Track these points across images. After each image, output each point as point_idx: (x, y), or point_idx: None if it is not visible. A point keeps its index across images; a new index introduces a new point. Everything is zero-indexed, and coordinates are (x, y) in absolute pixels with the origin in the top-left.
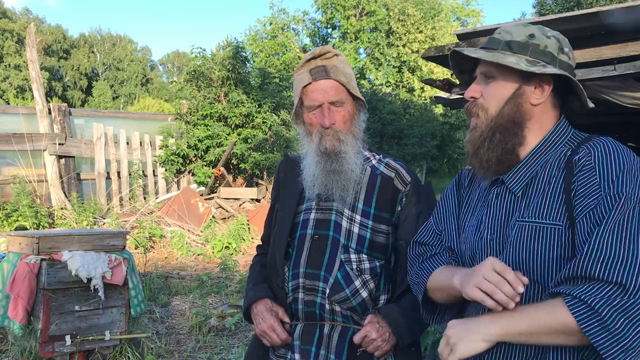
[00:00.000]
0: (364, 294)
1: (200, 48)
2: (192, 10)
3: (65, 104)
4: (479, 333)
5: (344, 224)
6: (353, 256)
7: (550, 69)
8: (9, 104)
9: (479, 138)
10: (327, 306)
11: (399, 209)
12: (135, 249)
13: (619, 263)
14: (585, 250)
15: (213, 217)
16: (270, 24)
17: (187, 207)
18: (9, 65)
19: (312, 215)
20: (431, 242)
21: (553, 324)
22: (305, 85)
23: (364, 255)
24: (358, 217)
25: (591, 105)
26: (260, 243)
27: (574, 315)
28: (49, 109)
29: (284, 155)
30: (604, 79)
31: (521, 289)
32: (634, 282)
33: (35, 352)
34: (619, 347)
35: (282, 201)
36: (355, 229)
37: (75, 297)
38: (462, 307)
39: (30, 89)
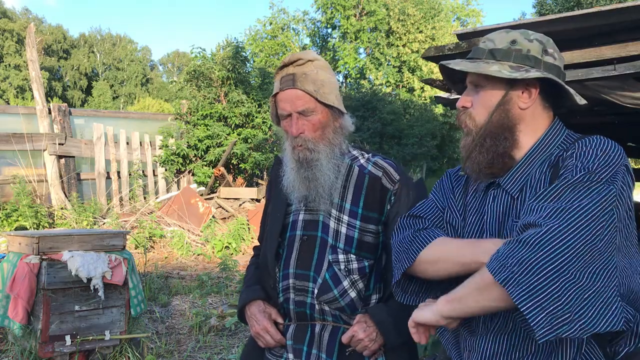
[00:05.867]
0: (353, 294)
1: (200, 48)
2: (192, 10)
3: (65, 104)
4: (431, 308)
5: (332, 224)
6: (341, 256)
7: (533, 73)
8: (9, 104)
9: (472, 143)
10: (317, 306)
11: (389, 207)
12: (135, 249)
13: (540, 217)
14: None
15: (213, 217)
16: (270, 24)
17: (187, 207)
18: (9, 65)
19: (301, 217)
20: (428, 216)
21: (481, 288)
22: (275, 94)
23: (352, 256)
24: (345, 218)
25: (582, 101)
26: (257, 244)
27: (489, 271)
28: (49, 109)
29: (275, 157)
30: (604, 79)
31: None
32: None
33: (35, 352)
34: (527, 297)
35: (273, 202)
36: (343, 229)
37: (75, 297)
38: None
39: (30, 89)
